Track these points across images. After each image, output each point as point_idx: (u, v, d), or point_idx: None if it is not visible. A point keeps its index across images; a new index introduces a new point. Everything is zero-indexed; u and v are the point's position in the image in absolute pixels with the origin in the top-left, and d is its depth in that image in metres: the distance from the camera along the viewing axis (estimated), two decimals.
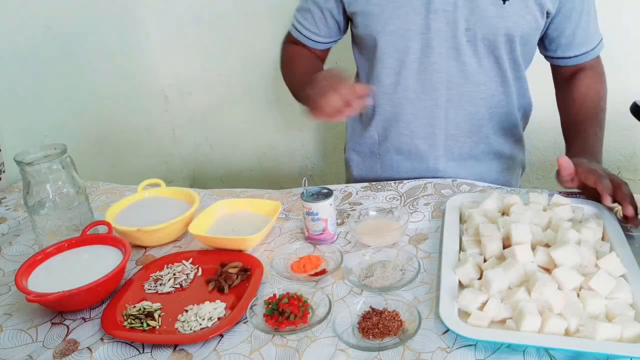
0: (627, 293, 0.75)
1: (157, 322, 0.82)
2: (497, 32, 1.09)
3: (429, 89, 1.16)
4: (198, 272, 0.95)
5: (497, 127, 1.23)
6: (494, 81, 1.17)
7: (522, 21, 1.09)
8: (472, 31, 1.10)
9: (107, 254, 0.93)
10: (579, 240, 0.84)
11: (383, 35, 1.13)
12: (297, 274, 0.91)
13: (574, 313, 0.72)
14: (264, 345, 0.77)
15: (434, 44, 1.11)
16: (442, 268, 0.84)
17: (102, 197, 1.27)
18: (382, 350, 0.73)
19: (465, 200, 1.03)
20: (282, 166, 2.22)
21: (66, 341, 0.81)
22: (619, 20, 1.60)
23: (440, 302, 0.77)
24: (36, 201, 0.98)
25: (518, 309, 0.72)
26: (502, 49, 1.12)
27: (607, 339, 0.69)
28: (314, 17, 1.23)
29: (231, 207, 1.10)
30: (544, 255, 0.81)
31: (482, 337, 0.71)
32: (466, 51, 1.12)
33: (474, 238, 0.90)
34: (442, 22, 1.09)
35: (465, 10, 1.08)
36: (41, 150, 0.98)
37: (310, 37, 1.26)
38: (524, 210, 0.92)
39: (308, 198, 0.97)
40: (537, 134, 1.79)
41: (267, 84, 2.06)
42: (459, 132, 1.21)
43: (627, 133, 1.79)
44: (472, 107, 1.18)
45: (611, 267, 0.79)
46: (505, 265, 0.80)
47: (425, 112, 1.19)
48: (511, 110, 1.22)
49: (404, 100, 1.18)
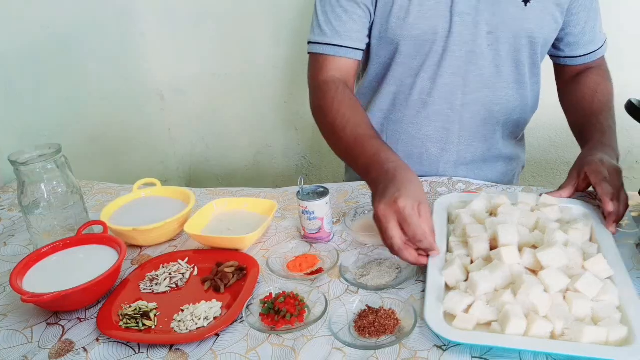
0: (613, 295, 0.75)
1: (152, 322, 0.82)
2: (519, 34, 1.07)
3: (446, 92, 1.13)
4: (194, 272, 0.94)
5: (508, 131, 1.22)
6: (511, 87, 1.15)
7: (543, 23, 1.08)
8: (494, 34, 1.07)
9: (102, 254, 0.93)
10: (566, 241, 0.83)
11: (407, 39, 1.08)
12: (293, 273, 0.91)
13: (560, 316, 0.71)
14: (261, 344, 0.77)
15: (453, 47, 1.08)
16: (429, 269, 0.83)
17: (98, 196, 1.26)
18: (378, 349, 0.73)
19: (454, 200, 1.01)
20: (278, 165, 2.22)
21: (62, 341, 0.80)
22: (616, 19, 1.61)
23: (426, 304, 0.76)
24: (31, 201, 0.97)
25: (503, 312, 0.72)
26: (524, 52, 1.10)
27: (592, 342, 0.68)
28: (353, 17, 1.08)
29: (227, 206, 1.10)
30: (530, 256, 0.80)
31: (466, 340, 0.71)
32: (486, 55, 1.09)
33: (462, 239, 0.89)
34: (463, 25, 1.06)
35: (487, 14, 1.06)
36: (36, 150, 0.98)
37: (353, 46, 1.10)
38: (511, 211, 0.91)
39: (304, 197, 0.97)
40: (534, 131, 1.79)
41: (263, 83, 2.05)
42: (472, 137, 1.19)
43: (622, 131, 1.79)
44: (487, 112, 1.16)
45: (598, 269, 0.78)
46: (491, 267, 0.79)
47: (440, 116, 1.16)
48: (524, 114, 1.21)
49: (419, 102, 1.15)
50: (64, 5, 1.66)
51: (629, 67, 1.67)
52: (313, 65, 1.14)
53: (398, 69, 1.14)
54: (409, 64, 1.12)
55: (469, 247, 0.86)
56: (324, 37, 1.10)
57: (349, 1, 1.08)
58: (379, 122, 1.22)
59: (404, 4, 1.06)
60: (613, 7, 1.59)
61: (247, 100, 2.11)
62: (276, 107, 2.10)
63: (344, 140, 1.02)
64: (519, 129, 1.24)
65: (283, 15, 1.91)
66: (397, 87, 1.16)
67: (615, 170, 0.95)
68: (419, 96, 1.15)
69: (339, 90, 1.08)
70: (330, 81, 1.10)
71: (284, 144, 2.17)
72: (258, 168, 2.24)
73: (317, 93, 1.11)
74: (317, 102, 1.11)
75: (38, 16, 1.58)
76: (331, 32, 1.09)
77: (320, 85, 1.11)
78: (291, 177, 2.19)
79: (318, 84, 1.11)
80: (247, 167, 2.24)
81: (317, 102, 1.11)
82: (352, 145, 0.99)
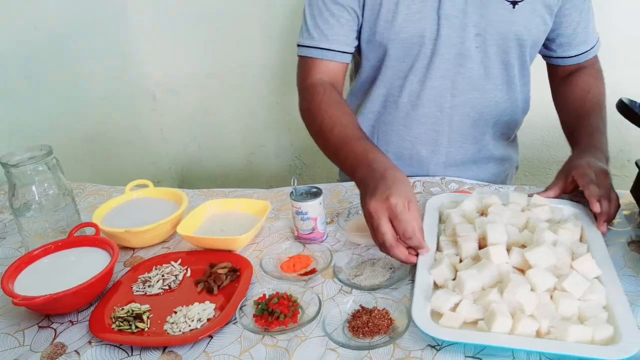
0: (601, 295, 0.75)
1: (145, 324, 0.81)
2: (508, 36, 1.08)
3: (434, 95, 1.13)
4: (187, 273, 0.94)
5: (499, 132, 1.22)
6: (500, 89, 1.15)
7: (531, 25, 1.08)
8: (482, 37, 1.08)
9: (94, 256, 0.92)
10: (555, 241, 0.83)
11: (395, 42, 1.09)
12: (287, 274, 0.91)
13: (546, 314, 0.72)
14: (254, 345, 0.76)
15: (442, 50, 1.08)
16: (418, 268, 0.83)
17: (89, 198, 1.25)
18: (372, 349, 0.73)
19: (445, 200, 1.02)
20: (271, 165, 2.22)
21: (54, 345, 0.80)
22: (608, 18, 1.61)
23: (414, 302, 0.77)
24: (22, 203, 0.97)
25: (489, 310, 0.72)
26: (512, 53, 1.11)
27: (578, 341, 0.69)
28: (340, 21, 1.09)
29: (220, 207, 1.10)
30: (519, 256, 0.81)
31: (451, 338, 0.71)
32: (474, 57, 1.10)
33: (451, 238, 0.90)
34: (451, 28, 1.07)
35: (475, 16, 1.06)
36: (26, 151, 0.97)
37: (340, 49, 1.11)
38: (501, 211, 0.91)
39: (297, 197, 0.97)
40: (527, 131, 1.79)
41: (256, 84, 2.05)
42: (462, 138, 1.19)
43: (614, 130, 1.81)
44: (477, 114, 1.16)
45: (586, 269, 0.79)
46: (479, 266, 0.79)
47: (429, 118, 1.16)
48: (514, 116, 1.22)
49: (408, 105, 1.16)
50: (57, 5, 1.65)
51: (621, 66, 1.68)
52: (301, 68, 1.15)
53: (387, 71, 1.14)
54: (398, 67, 1.13)
55: (458, 246, 0.86)
56: (312, 40, 1.11)
57: (336, 5, 1.08)
58: (370, 124, 1.22)
59: (391, 7, 1.07)
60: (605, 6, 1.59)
61: (240, 100, 2.11)
62: (269, 108, 2.09)
63: (332, 141, 1.02)
64: (510, 130, 1.24)
65: (275, 15, 1.91)
66: (387, 90, 1.17)
67: (602, 172, 0.96)
68: (408, 98, 1.15)
69: (327, 92, 1.09)
70: (318, 84, 1.11)
71: (277, 145, 2.17)
72: (251, 168, 2.24)
73: (305, 95, 1.12)
74: (305, 105, 1.11)
75: (30, 16, 1.57)
76: (319, 35, 1.11)
77: (308, 88, 1.12)
78: (284, 178, 2.19)
79: (306, 86, 1.12)
80: (240, 167, 2.24)
81: (305, 104, 1.12)
82: (340, 145, 1.00)
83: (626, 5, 1.66)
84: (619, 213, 0.97)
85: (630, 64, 1.71)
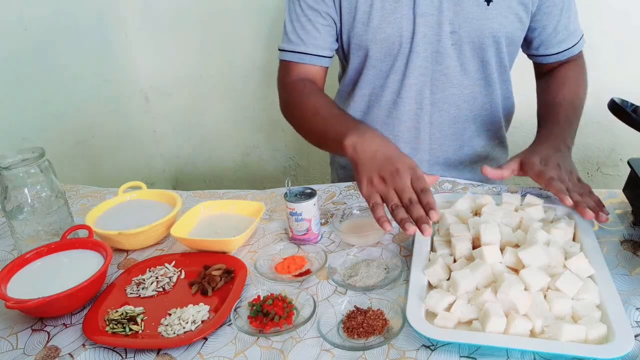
0: (594, 294, 0.75)
1: (139, 326, 0.81)
2: (483, 33, 1.09)
3: (414, 92, 1.16)
4: (181, 275, 0.94)
5: (480, 130, 1.24)
6: (477, 84, 1.17)
7: (506, 22, 1.09)
8: (457, 34, 1.10)
9: (87, 259, 0.92)
10: (548, 240, 0.84)
11: (374, 44, 1.12)
12: (281, 275, 0.91)
13: (540, 314, 0.72)
14: (249, 347, 0.76)
15: (418, 48, 1.11)
16: (412, 269, 0.84)
17: (82, 200, 1.25)
18: (367, 350, 0.73)
19: (439, 200, 1.02)
20: (265, 166, 2.22)
21: (47, 348, 0.79)
22: (598, 17, 1.62)
23: (408, 303, 0.77)
24: (14, 206, 0.96)
25: (483, 310, 0.73)
26: (489, 51, 1.12)
27: (571, 340, 0.69)
28: (316, 26, 1.13)
29: (214, 209, 1.10)
30: (512, 255, 0.81)
31: (446, 338, 0.71)
32: (450, 54, 1.12)
33: (445, 238, 0.90)
34: (427, 26, 1.09)
35: (450, 13, 1.08)
36: (19, 154, 0.96)
37: (317, 53, 1.15)
38: (495, 211, 0.92)
39: (291, 198, 0.97)
40: (517, 130, 1.80)
41: (249, 84, 2.05)
42: (442, 135, 1.21)
43: (606, 129, 1.82)
44: (456, 110, 1.18)
45: (579, 268, 0.79)
46: (473, 266, 0.80)
47: (410, 115, 1.18)
48: (495, 112, 1.23)
49: (390, 103, 1.18)
50: (45, 6, 1.64)
51: (611, 66, 1.69)
52: (281, 71, 1.20)
53: (369, 72, 1.17)
54: (380, 67, 1.16)
55: (451, 246, 0.86)
56: (291, 44, 1.16)
57: (312, 11, 1.12)
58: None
59: (366, 9, 1.09)
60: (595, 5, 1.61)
61: (233, 101, 2.10)
62: (263, 109, 2.09)
63: (318, 124, 1.06)
64: (493, 127, 1.25)
65: (267, 16, 1.91)
66: (370, 90, 1.20)
67: (557, 164, 0.98)
68: (389, 97, 1.18)
69: (307, 85, 1.14)
70: (298, 80, 1.16)
71: (271, 146, 2.17)
72: (245, 170, 2.24)
73: (285, 91, 1.18)
74: (286, 98, 1.17)
75: (19, 18, 1.57)
76: (297, 40, 1.15)
77: (287, 84, 1.17)
78: (278, 179, 2.19)
79: (285, 83, 1.18)
80: (234, 168, 2.24)
81: (286, 98, 1.17)
82: (327, 122, 1.04)
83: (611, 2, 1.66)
84: (612, 212, 0.98)
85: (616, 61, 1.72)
